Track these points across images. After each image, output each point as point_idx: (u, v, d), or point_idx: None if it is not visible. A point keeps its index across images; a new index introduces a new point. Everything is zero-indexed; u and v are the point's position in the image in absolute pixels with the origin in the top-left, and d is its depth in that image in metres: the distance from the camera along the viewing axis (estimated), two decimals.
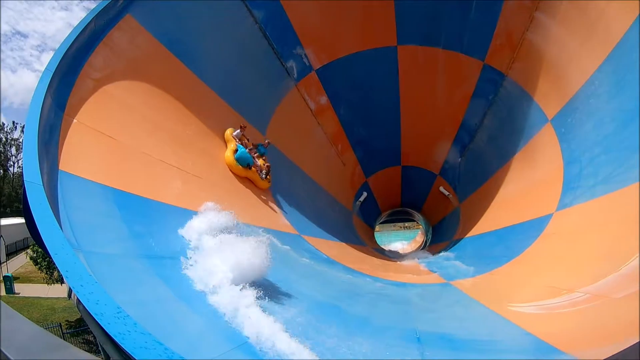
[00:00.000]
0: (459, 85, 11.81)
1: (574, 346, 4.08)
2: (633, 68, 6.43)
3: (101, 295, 2.97)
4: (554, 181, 8.29)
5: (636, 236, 5.14)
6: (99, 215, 4.70)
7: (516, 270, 7.68)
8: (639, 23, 6.14)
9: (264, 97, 10.65)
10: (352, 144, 14.47)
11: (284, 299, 5.31)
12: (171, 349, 2.77)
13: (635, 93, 6.38)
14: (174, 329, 3.55)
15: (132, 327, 2.82)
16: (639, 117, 6.15)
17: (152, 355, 2.69)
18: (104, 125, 5.66)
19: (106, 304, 2.90)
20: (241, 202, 8.25)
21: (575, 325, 4.80)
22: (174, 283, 4.36)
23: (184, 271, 4.64)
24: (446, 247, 13.79)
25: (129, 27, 6.83)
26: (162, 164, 6.45)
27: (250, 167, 9.06)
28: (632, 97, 6.50)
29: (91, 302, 2.88)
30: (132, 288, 3.90)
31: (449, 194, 15.38)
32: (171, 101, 7.51)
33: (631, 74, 6.49)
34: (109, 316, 2.83)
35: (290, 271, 6.82)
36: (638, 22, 6.17)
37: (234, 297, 4.33)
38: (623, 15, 6.48)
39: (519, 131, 10.25)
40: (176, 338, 3.28)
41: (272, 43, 10.08)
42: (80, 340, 20.21)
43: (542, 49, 8.68)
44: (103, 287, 3.04)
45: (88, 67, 5.88)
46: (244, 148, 9.01)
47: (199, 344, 3.49)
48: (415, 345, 4.73)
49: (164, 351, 2.74)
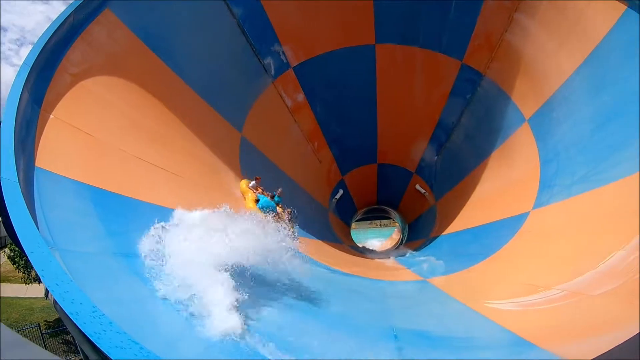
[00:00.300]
0: (437, 84, 11.85)
1: (550, 342, 4.12)
2: (612, 70, 6.56)
3: (76, 294, 2.93)
4: (530, 180, 8.40)
5: (613, 234, 5.23)
6: (76, 213, 4.62)
7: (493, 268, 7.76)
8: (621, 26, 6.27)
9: (241, 94, 10.49)
10: (329, 141, 14.39)
11: (258, 298, 5.16)
12: (147, 348, 2.73)
13: (613, 94, 6.52)
14: (151, 328, 3.50)
15: (107, 326, 2.79)
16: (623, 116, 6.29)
17: (128, 355, 2.66)
18: (81, 122, 5.54)
19: (82, 303, 2.87)
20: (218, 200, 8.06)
21: (552, 322, 4.85)
22: (152, 281, 4.28)
23: (161, 269, 4.53)
24: (422, 244, 13.90)
25: (107, 22, 6.64)
26: (139, 161, 6.32)
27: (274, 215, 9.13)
28: (610, 98, 6.63)
29: (66, 301, 2.86)
30: (108, 287, 3.85)
31: (425, 192, 15.49)
32: (149, 98, 7.35)
33: (610, 75, 6.62)
34: (85, 315, 2.79)
35: (265, 269, 6.68)
36: (618, 24, 6.29)
37: (212, 294, 4.25)
38: (602, 17, 6.58)
39: (495, 130, 10.37)
40: (153, 337, 3.23)
41: (250, 40, 9.92)
42: (59, 341, 19.68)
43: (521, 50, 8.77)
44: (78, 286, 3.00)
45: (66, 62, 5.73)
46: (265, 197, 9.17)
47: (176, 343, 3.45)
48: (392, 342, 4.72)
49: (140, 350, 2.71)
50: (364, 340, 4.85)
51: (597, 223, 5.99)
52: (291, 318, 5.04)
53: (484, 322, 5.33)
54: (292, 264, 6.02)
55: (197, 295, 4.21)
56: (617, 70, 6.45)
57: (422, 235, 15.21)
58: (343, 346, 4.44)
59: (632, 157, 5.81)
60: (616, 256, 4.89)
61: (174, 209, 5.63)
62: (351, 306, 6.69)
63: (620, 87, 6.38)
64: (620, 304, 4.26)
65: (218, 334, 3.71)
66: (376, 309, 6.74)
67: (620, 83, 6.39)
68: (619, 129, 6.36)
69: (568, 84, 7.51)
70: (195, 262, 4.67)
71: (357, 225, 30.23)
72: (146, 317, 3.65)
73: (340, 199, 16.54)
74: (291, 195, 12.72)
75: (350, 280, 8.86)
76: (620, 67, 6.39)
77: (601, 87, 6.81)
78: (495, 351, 4.48)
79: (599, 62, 6.78)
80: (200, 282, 4.39)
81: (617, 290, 4.45)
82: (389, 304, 7.25)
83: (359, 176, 16.42)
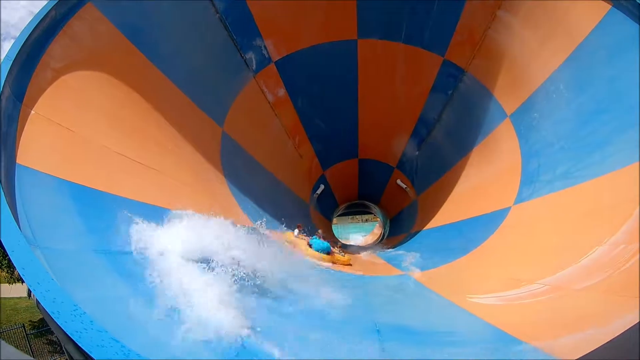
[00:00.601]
0: (418, 79, 11.84)
1: (533, 336, 4.14)
2: (595, 68, 6.63)
3: (57, 292, 2.92)
4: (512, 175, 8.49)
5: (595, 229, 5.30)
6: (57, 210, 4.54)
7: (474, 262, 7.82)
8: (605, 24, 6.32)
9: (223, 89, 10.33)
10: (310, 136, 14.29)
11: (242, 296, 5.07)
12: (128, 347, 2.73)
13: (596, 92, 6.61)
14: (133, 326, 3.47)
15: (88, 325, 2.78)
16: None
17: (109, 354, 2.67)
18: (62, 117, 5.41)
19: (63, 302, 2.86)
20: (197, 195, 8.01)
21: (535, 316, 4.89)
22: (134, 279, 4.25)
23: (143, 267, 4.52)
24: (404, 239, 13.99)
25: (89, 16, 6.44)
26: (121, 157, 6.19)
27: (330, 253, 10.22)
28: (592, 96, 6.71)
29: (47, 300, 2.85)
30: (90, 285, 3.81)
31: (406, 187, 15.57)
32: (130, 92, 7.19)
33: (593, 73, 6.69)
34: (66, 314, 2.79)
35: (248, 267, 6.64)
36: (602, 23, 6.34)
37: (192, 291, 4.25)
38: (587, 15, 6.62)
39: (477, 126, 10.44)
40: (136, 336, 3.19)
41: (232, 34, 9.75)
42: (44, 341, 19.33)
43: (504, 46, 8.82)
44: (59, 285, 2.99)
45: (47, 56, 5.57)
46: (317, 239, 10.26)
47: (159, 341, 3.42)
48: (375, 337, 4.69)
49: (121, 349, 2.71)
50: (346, 335, 4.80)
51: (578, 218, 6.07)
52: (272, 313, 5.01)
53: (466, 317, 5.35)
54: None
55: (181, 294, 4.19)
56: (601, 68, 6.51)
57: (404, 230, 15.30)
58: (324, 340, 4.40)
59: (614, 154, 5.92)
60: (598, 251, 4.95)
61: (155, 205, 5.65)
62: (332, 301, 6.63)
63: (604, 85, 6.46)
64: (604, 298, 4.31)
65: (201, 332, 3.67)
66: (358, 304, 6.70)
67: (604, 81, 6.46)
68: (601, 126, 6.45)
69: (551, 81, 7.57)
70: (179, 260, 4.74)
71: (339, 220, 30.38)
72: (128, 316, 3.61)
73: (321, 194, 16.51)
74: (272, 190, 12.67)
75: (332, 275, 8.82)
76: (604, 65, 6.45)
77: (584, 84, 6.88)
78: (478, 345, 4.49)
79: (583, 59, 6.84)
80: (184, 280, 4.39)
81: (599, 284, 4.50)
82: (371, 299, 7.23)
83: (340, 171, 16.41)
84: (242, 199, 10.00)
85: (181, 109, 8.74)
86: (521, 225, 7.58)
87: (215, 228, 5.78)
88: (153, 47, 7.82)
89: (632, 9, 5.76)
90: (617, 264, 4.49)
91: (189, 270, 4.58)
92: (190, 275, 4.52)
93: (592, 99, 6.68)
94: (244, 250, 5.66)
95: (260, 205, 10.88)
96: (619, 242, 4.77)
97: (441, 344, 4.71)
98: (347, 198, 19.16)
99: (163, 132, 7.93)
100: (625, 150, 5.66)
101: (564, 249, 5.76)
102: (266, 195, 11.87)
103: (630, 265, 4.29)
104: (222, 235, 5.60)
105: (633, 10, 5.76)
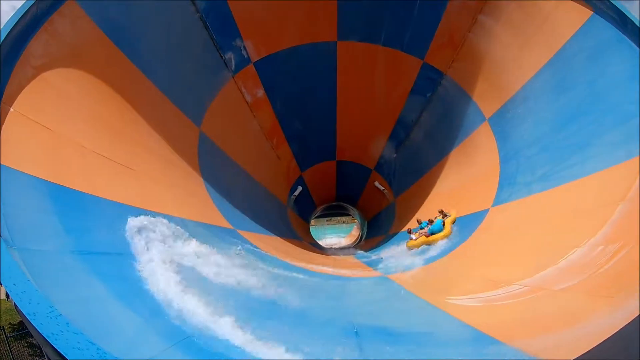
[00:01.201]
0: (397, 82, 11.90)
1: (512, 336, 4.19)
2: (575, 72, 6.76)
3: (33, 294, 2.90)
4: (490, 178, 8.59)
5: (573, 231, 5.37)
6: (34, 210, 4.43)
7: (453, 264, 7.87)
8: (586, 30, 6.46)
9: (201, 89, 10.17)
10: (288, 137, 14.18)
11: (221, 294, 5.18)
12: (104, 349, 2.74)
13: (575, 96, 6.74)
14: (110, 328, 3.42)
15: (64, 326, 2.77)
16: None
17: (85, 356, 2.69)
18: (41, 116, 5.27)
19: (39, 303, 2.84)
20: (175, 196, 7.85)
21: (514, 316, 4.92)
22: (111, 280, 4.18)
23: (121, 269, 4.50)
24: (382, 241, 14.00)
25: (70, 13, 6.24)
26: (99, 156, 6.05)
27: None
28: (572, 100, 6.84)
29: (24, 302, 2.84)
30: (67, 286, 3.73)
31: (383, 189, 15.62)
32: (109, 91, 7.01)
33: (572, 78, 6.83)
34: (42, 316, 2.78)
35: (226, 265, 6.59)
36: (583, 28, 6.48)
37: (171, 292, 4.29)
38: (568, 20, 6.76)
39: (455, 129, 10.56)
40: (112, 337, 3.18)
41: (212, 34, 9.61)
42: (24, 344, 18.58)
43: (484, 50, 8.93)
44: (36, 286, 2.97)
45: (27, 53, 5.42)
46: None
47: (136, 343, 3.40)
48: (353, 338, 4.70)
49: (97, 351, 2.71)
50: (325, 337, 4.81)
51: (557, 220, 6.17)
52: (251, 314, 4.95)
53: (445, 318, 5.40)
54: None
55: (159, 296, 4.21)
56: (580, 72, 6.66)
57: (382, 232, 15.35)
58: (303, 342, 4.38)
59: (592, 156, 6.06)
60: (577, 252, 5.01)
61: (134, 206, 5.59)
62: (311, 303, 6.60)
63: (583, 90, 6.61)
64: (583, 299, 4.36)
65: (178, 333, 3.69)
66: (336, 306, 6.71)
67: (583, 85, 6.61)
68: (580, 129, 6.58)
69: (530, 84, 7.71)
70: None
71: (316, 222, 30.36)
72: (105, 318, 3.56)
73: (299, 195, 16.39)
74: (250, 192, 12.54)
75: (310, 277, 8.75)
76: (583, 69, 6.60)
77: (563, 88, 7.03)
78: (457, 346, 4.53)
79: (562, 64, 6.99)
80: (162, 282, 4.42)
81: (578, 285, 4.54)
82: (349, 301, 7.23)
83: (318, 173, 16.34)
84: (219, 200, 9.83)
85: (159, 108, 8.55)
86: (499, 227, 7.66)
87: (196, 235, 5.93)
88: (133, 46, 7.66)
89: (614, 15, 5.91)
90: (596, 265, 4.56)
91: (167, 272, 4.58)
92: (168, 278, 4.51)
93: (571, 102, 6.81)
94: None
95: (238, 207, 10.71)
96: (598, 243, 4.84)
97: (420, 345, 4.74)
98: (325, 200, 19.12)
99: (141, 131, 7.76)
100: (604, 152, 5.80)
101: (543, 251, 5.83)
102: (244, 196, 11.71)
103: (609, 267, 4.35)
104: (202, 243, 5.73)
105: (614, 16, 5.90)
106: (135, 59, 7.73)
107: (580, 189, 6.03)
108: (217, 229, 8.38)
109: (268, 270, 7.89)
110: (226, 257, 6.86)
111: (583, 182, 6.01)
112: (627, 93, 5.72)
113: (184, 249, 5.80)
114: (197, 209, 8.39)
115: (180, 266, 5.05)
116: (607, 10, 6.04)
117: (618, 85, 5.98)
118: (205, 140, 10.06)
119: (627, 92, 5.75)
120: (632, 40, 5.79)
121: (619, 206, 4.99)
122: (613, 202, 5.08)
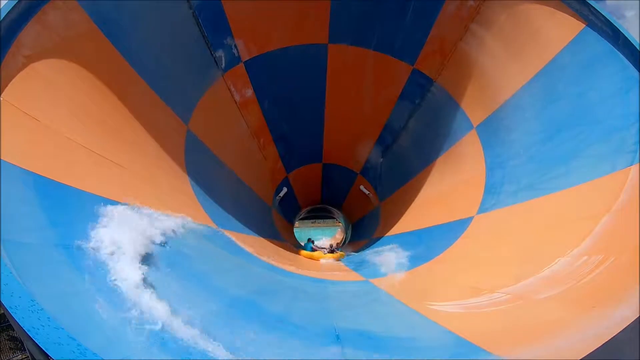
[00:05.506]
0: (386, 87, 11.91)
1: (494, 343, 4.18)
2: (565, 84, 6.82)
3: (15, 286, 2.85)
4: (475, 186, 8.64)
5: (557, 241, 5.40)
6: (17, 201, 4.29)
7: (436, 270, 7.88)
8: (578, 42, 6.53)
9: (190, 87, 10.02)
10: (275, 138, 14.08)
11: (200, 294, 5.20)
12: (84, 345, 2.71)
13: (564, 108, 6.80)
14: (92, 324, 3.35)
15: (45, 321, 2.73)
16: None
17: (65, 352, 2.65)
18: (28, 106, 5.16)
19: (20, 297, 2.80)
20: (159, 193, 7.72)
21: (496, 324, 4.92)
22: (94, 275, 4.09)
23: (105, 263, 4.37)
24: (365, 245, 14.01)
25: (64, 5, 6.13)
26: (85, 150, 5.92)
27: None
28: (560, 111, 6.90)
29: (5, 294, 2.78)
30: (49, 280, 3.62)
31: (369, 192, 15.65)
32: (98, 85, 6.88)
33: (562, 89, 6.89)
34: (23, 309, 2.73)
35: (206, 265, 6.58)
36: (575, 41, 6.55)
37: (154, 289, 4.25)
38: (559, 33, 6.82)
39: (442, 135, 10.61)
40: (94, 333, 3.12)
41: (204, 31, 9.51)
42: (5, 337, 18.25)
43: (474, 59, 8.98)
44: (17, 278, 2.92)
45: (18, 42, 5.31)
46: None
47: (117, 340, 3.33)
48: (334, 343, 4.65)
49: (77, 347, 2.69)
50: (305, 341, 4.77)
51: (542, 230, 6.22)
52: (230, 316, 4.92)
53: (426, 324, 5.38)
54: None
55: (142, 292, 4.15)
56: (570, 85, 6.73)
57: (366, 236, 15.37)
58: (284, 345, 4.38)
59: (579, 168, 6.12)
60: (561, 262, 5.04)
61: (117, 200, 5.48)
62: (292, 305, 6.53)
63: (572, 102, 6.68)
64: (565, 308, 4.37)
65: (159, 331, 3.65)
66: (318, 309, 6.64)
67: (573, 97, 6.68)
68: (567, 141, 6.65)
69: (519, 94, 7.78)
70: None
71: (301, 224, 30.30)
72: (87, 313, 3.47)
73: (284, 197, 16.35)
74: (235, 191, 12.43)
75: (292, 279, 8.68)
76: (573, 82, 6.67)
77: (552, 100, 7.09)
78: (439, 352, 4.52)
79: (552, 75, 7.05)
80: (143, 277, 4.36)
81: (561, 294, 4.57)
82: (330, 304, 7.17)
83: (304, 175, 16.32)
84: (204, 198, 9.69)
85: (148, 104, 8.42)
86: (483, 235, 7.71)
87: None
88: (124, 40, 7.52)
89: (606, 29, 5.98)
90: (580, 275, 4.59)
91: (149, 268, 4.54)
92: (150, 274, 4.47)
93: (560, 114, 6.89)
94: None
95: (222, 206, 10.58)
96: (581, 253, 4.88)
97: (402, 350, 4.70)
98: (310, 202, 19.10)
99: (128, 125, 7.61)
100: (590, 164, 5.87)
101: (527, 260, 5.86)
102: (229, 195, 11.58)
103: (593, 277, 4.38)
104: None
105: (606, 30, 5.97)
106: (126, 53, 7.62)
107: (565, 199, 6.10)
108: (200, 227, 8.21)
109: (250, 270, 7.81)
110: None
111: (568, 193, 6.08)
112: (615, 107, 5.82)
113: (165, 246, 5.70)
114: (181, 207, 8.26)
115: (162, 262, 4.98)
116: (600, 24, 6.12)
117: (606, 98, 6.07)
118: (192, 138, 9.94)
119: (614, 105, 5.84)
120: (623, 55, 5.88)
121: (603, 218, 5.05)
122: (598, 214, 5.13)
